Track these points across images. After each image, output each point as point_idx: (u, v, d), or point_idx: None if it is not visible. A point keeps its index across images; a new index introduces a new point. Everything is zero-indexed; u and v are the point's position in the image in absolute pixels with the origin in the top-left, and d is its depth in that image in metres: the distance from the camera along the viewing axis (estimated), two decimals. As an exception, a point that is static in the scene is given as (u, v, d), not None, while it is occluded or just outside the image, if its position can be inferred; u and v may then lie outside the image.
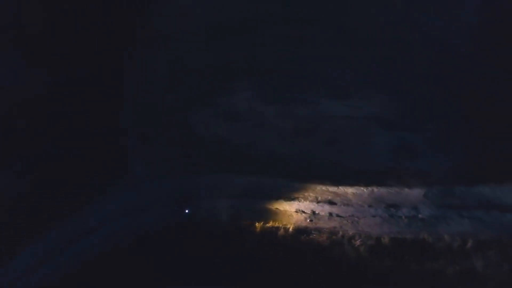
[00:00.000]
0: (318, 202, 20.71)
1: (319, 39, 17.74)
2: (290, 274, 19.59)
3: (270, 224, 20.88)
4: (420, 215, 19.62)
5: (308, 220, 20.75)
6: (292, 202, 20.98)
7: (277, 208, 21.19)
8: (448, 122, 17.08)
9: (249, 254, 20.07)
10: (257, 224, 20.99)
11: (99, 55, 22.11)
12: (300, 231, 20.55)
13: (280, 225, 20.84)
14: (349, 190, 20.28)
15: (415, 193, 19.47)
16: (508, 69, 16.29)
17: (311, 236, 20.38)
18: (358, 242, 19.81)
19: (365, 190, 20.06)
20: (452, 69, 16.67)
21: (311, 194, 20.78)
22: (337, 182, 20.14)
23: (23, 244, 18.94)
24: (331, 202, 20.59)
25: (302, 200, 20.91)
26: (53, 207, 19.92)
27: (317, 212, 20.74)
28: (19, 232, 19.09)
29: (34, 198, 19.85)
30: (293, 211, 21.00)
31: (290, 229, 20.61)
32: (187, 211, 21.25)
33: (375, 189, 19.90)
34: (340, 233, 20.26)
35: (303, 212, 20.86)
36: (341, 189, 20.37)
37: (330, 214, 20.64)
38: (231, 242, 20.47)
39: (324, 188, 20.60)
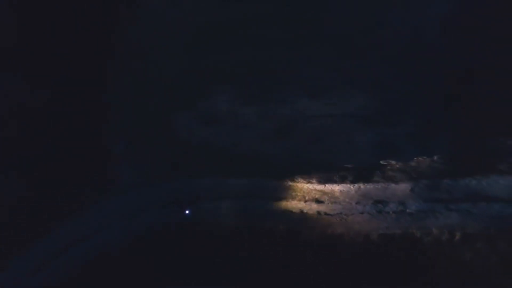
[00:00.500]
0: (305, 201, 20.67)
1: (294, 39, 17.58)
2: (281, 273, 19.74)
3: (258, 224, 20.96)
4: (408, 210, 19.50)
5: (297, 220, 20.74)
6: (279, 202, 20.96)
7: (265, 209, 21.20)
8: (427, 116, 16.88)
9: (239, 254, 20.26)
10: (246, 225, 21.11)
11: (82, 64, 22.14)
12: (289, 230, 20.58)
13: (269, 225, 20.91)
14: (336, 187, 20.17)
15: (402, 188, 19.33)
16: (486, 63, 16.03)
17: (300, 236, 20.41)
18: (347, 240, 19.83)
19: (352, 187, 19.94)
20: (428, 64, 16.40)
21: (298, 193, 20.72)
22: (323, 180, 20.04)
23: (22, 247, 19.21)
24: (318, 201, 20.54)
25: (290, 199, 20.87)
26: (53, 209, 20.11)
27: (305, 211, 20.71)
28: (19, 236, 19.27)
29: (34, 200, 19.98)
30: (281, 211, 21.00)
31: (279, 229, 20.68)
32: (187, 211, 21.49)
33: (362, 186, 19.78)
34: (329, 231, 20.27)
35: (291, 211, 20.84)
36: (328, 187, 20.26)
37: (318, 212, 20.60)
38: (223, 242, 20.68)
39: (311, 186, 20.51)
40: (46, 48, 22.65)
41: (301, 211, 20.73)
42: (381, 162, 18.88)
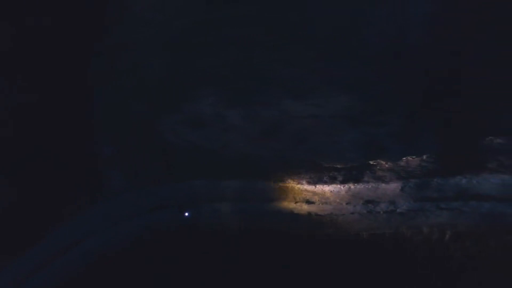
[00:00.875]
0: (296, 202, 20.59)
1: (277, 41, 17.34)
2: (276, 272, 19.86)
3: (250, 226, 20.98)
4: (398, 210, 19.41)
5: (288, 221, 20.72)
6: (270, 203, 20.91)
7: (257, 210, 21.18)
8: (414, 116, 16.70)
9: (235, 255, 20.37)
10: (238, 226, 21.17)
11: (67, 68, 21.89)
12: (280, 232, 20.58)
13: (263, 227, 20.92)
14: (327, 188, 20.06)
15: (392, 187, 19.20)
16: (473, 62, 15.79)
17: (291, 237, 20.41)
18: (338, 240, 19.84)
19: (342, 187, 19.83)
20: (413, 64, 16.15)
21: (289, 194, 20.63)
22: (313, 181, 19.90)
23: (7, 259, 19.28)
24: (309, 202, 20.47)
25: (281, 200, 20.81)
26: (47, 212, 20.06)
27: (295, 212, 20.65)
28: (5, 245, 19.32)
29: (29, 202, 19.92)
30: (272, 212, 20.96)
31: (270, 230, 20.68)
32: (186, 213, 21.60)
33: (352, 186, 19.66)
34: (320, 231, 20.27)
35: (282, 212, 20.79)
36: (319, 188, 20.14)
37: (309, 213, 20.54)
38: (219, 242, 20.77)
39: (301, 187, 20.40)
40: (30, 51, 22.33)
41: (292, 212, 20.66)
42: (370, 162, 18.70)
